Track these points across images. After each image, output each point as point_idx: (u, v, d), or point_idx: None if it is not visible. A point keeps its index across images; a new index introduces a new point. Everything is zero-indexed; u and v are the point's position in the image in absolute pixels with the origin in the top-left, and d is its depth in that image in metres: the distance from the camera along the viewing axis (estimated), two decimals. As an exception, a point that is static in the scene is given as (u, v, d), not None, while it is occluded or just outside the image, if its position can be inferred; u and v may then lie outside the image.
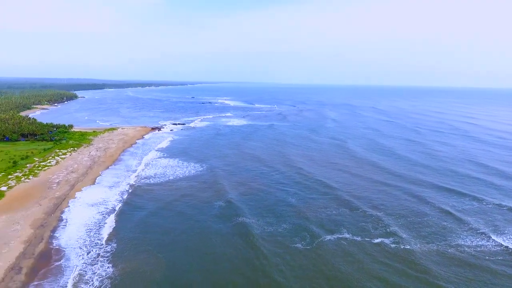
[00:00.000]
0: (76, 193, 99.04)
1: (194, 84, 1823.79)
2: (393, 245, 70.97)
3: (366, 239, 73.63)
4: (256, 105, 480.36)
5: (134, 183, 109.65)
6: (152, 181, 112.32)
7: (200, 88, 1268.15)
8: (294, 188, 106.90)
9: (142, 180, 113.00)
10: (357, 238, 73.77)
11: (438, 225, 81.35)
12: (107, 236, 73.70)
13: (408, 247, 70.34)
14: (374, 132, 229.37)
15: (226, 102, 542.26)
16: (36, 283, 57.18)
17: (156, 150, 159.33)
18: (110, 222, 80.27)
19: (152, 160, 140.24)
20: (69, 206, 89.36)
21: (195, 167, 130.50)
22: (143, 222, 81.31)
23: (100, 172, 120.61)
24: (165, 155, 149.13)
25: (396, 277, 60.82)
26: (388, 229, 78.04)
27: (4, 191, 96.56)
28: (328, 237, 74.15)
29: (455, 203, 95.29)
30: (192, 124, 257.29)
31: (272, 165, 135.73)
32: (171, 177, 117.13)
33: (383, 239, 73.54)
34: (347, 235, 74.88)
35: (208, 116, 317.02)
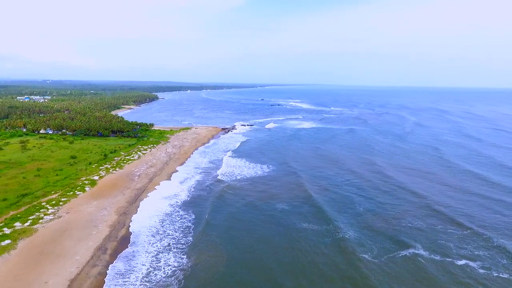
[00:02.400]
0: (154, 186, 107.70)
1: (263, 86, 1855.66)
2: (481, 270, 62.07)
3: (447, 259, 66.05)
4: (332, 108, 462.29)
5: (203, 180, 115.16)
6: (220, 179, 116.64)
7: (269, 90, 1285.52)
8: (380, 197, 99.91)
9: (211, 178, 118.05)
10: (436, 257, 66.58)
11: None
12: (178, 227, 78.54)
13: (505, 275, 60.05)
14: (472, 140, 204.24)
15: (297, 104, 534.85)
16: (116, 264, 63.19)
17: (225, 150, 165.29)
18: (182, 215, 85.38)
19: (221, 159, 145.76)
20: (147, 197, 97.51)
21: (262, 168, 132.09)
22: (213, 217, 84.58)
23: (175, 168, 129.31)
24: (233, 155, 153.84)
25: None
26: (479, 251, 68.75)
27: (96, 180, 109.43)
28: (403, 252, 68.46)
29: None
30: (261, 126, 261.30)
31: (356, 171, 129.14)
32: (238, 176, 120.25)
33: (468, 261, 64.92)
34: (423, 252, 68.27)
35: (277, 118, 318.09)
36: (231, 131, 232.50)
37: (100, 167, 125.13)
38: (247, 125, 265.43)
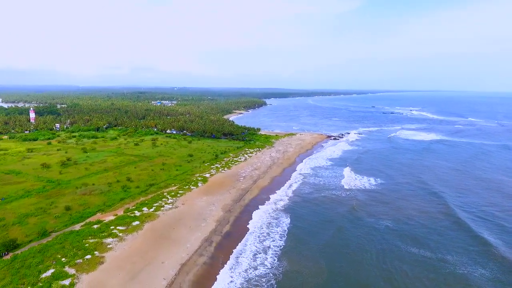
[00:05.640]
0: (257, 188, 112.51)
1: (375, 93, 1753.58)
2: None
3: None
4: (469, 118, 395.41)
5: (305, 187, 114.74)
6: (323, 187, 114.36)
7: (382, 97, 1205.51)
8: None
9: (313, 185, 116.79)
10: None
11: None
12: (279, 230, 79.99)
13: None
14: None
15: (417, 113, 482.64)
16: (220, 256, 68.05)
17: (330, 159, 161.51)
18: (284, 219, 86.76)
19: (325, 167, 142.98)
20: (251, 198, 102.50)
21: (369, 180, 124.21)
22: (314, 224, 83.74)
23: (278, 172, 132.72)
24: (339, 164, 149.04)
25: None
26: None
27: (207, 178, 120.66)
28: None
29: None
30: (371, 135, 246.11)
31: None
32: (344, 186, 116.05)
33: None
34: None
35: (392, 128, 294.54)
36: (337, 139, 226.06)
37: (211, 166, 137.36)
38: (355, 133, 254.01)
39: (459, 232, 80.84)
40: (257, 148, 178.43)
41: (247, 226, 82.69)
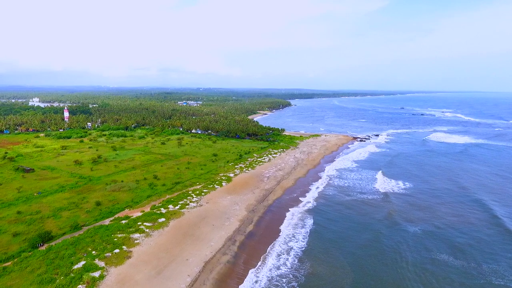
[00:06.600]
0: (281, 188, 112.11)
1: (404, 93, 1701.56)
2: None
3: None
4: (511, 121, 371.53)
5: (330, 190, 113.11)
6: (349, 190, 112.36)
7: (411, 98, 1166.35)
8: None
9: (338, 188, 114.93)
10: None
11: None
12: (303, 232, 79.28)
13: None
14: None
15: (450, 114, 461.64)
16: (242, 256, 68.37)
17: (356, 161, 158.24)
18: (308, 221, 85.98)
19: (350, 169, 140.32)
20: (274, 198, 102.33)
21: (399, 184, 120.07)
22: (336, 228, 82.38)
23: (302, 173, 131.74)
24: (366, 167, 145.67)
25: None
26: None
27: (231, 177, 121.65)
28: None
29: None
30: (400, 137, 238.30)
31: None
32: (378, 189, 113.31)
33: None
34: None
35: (423, 130, 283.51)
36: (364, 140, 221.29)
37: (236, 166, 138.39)
38: (383, 135, 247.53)
39: (505, 242, 76.30)
40: (281, 149, 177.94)
41: (275, 227, 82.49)
